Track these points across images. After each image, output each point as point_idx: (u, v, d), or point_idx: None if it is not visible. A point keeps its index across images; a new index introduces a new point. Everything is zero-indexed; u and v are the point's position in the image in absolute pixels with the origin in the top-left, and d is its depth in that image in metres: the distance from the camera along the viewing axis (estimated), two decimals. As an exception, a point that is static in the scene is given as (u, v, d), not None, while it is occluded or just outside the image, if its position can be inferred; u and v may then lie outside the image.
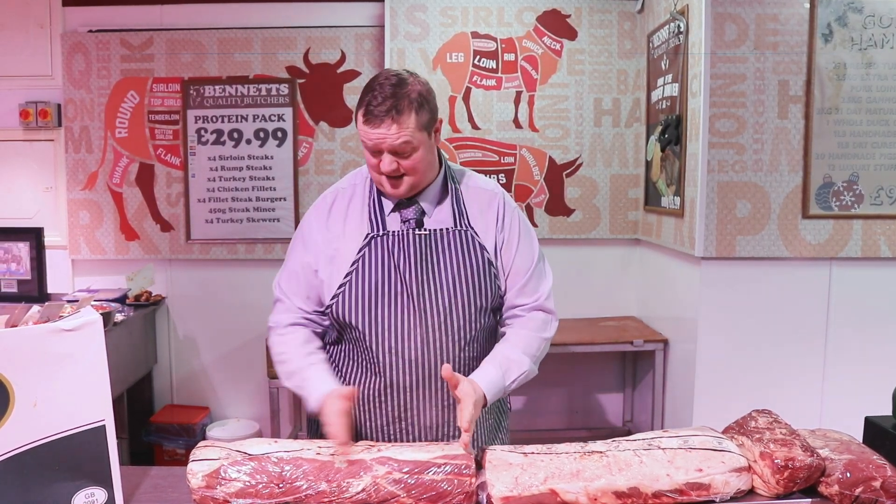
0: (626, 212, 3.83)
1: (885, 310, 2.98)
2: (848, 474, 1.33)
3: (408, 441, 1.71)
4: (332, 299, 1.69)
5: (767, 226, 2.94)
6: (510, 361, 1.66)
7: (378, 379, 1.68)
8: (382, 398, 1.69)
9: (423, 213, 1.71)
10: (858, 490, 1.32)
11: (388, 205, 1.72)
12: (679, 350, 3.30)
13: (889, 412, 1.68)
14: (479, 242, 1.70)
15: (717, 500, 1.34)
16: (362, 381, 1.71)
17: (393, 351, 1.65)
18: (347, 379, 1.74)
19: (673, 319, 3.39)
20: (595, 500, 1.32)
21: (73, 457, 1.24)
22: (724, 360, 3.02)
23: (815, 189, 2.92)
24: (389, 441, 1.71)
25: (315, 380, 1.63)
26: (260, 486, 1.33)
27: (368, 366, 1.69)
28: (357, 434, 1.73)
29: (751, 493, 1.38)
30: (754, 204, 2.93)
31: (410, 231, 1.68)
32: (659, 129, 3.39)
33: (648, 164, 3.65)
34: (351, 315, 1.67)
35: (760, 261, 2.97)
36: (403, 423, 1.70)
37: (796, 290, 2.99)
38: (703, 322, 3.01)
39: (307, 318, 1.76)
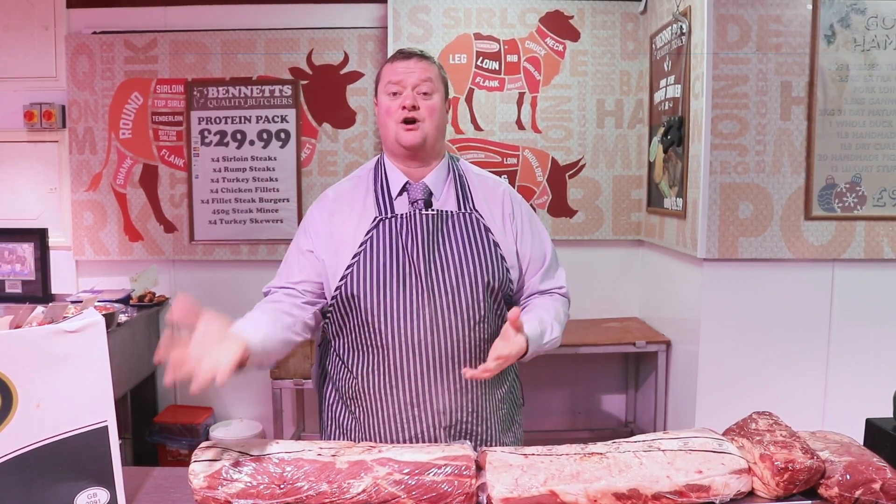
0: (629, 213, 3.83)
1: (888, 311, 2.98)
2: (848, 476, 1.33)
3: (421, 428, 1.69)
4: (340, 281, 1.68)
5: (770, 227, 2.94)
6: (545, 323, 1.69)
7: (386, 364, 1.67)
8: (392, 384, 1.67)
9: (430, 193, 1.74)
10: (858, 492, 1.32)
11: (395, 189, 1.75)
12: (681, 351, 3.30)
13: (890, 414, 1.68)
14: (484, 224, 1.73)
15: (717, 501, 1.34)
16: (370, 370, 1.70)
17: (401, 333, 1.64)
18: (354, 370, 1.72)
19: (675, 321, 3.39)
20: (595, 501, 1.32)
21: (76, 457, 1.25)
22: (726, 362, 3.02)
23: (818, 190, 2.92)
24: (403, 429, 1.69)
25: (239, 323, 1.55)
26: (261, 486, 1.34)
27: (376, 351, 1.68)
28: (370, 424, 1.72)
29: (751, 494, 1.38)
30: (757, 205, 2.93)
31: (418, 212, 1.70)
32: (661, 130, 3.39)
33: (651, 166, 3.65)
34: (359, 295, 1.66)
35: (763, 262, 2.97)
36: (416, 409, 1.68)
37: (799, 291, 2.99)
38: (706, 323, 3.01)
39: (297, 290, 1.72)
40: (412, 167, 1.76)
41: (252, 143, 3.81)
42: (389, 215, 1.71)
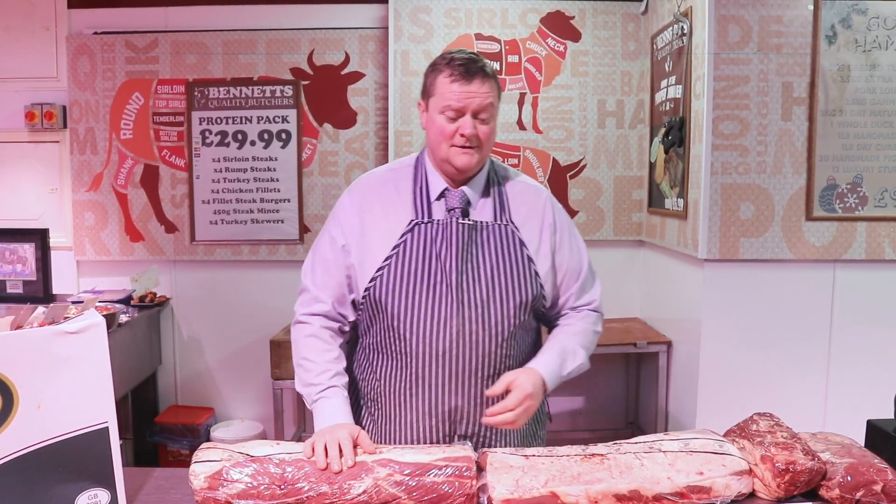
0: (630, 213, 3.83)
1: (889, 312, 2.98)
2: (849, 478, 1.33)
3: (438, 437, 1.66)
4: (370, 282, 1.65)
5: (771, 228, 2.93)
6: (567, 352, 1.67)
7: (409, 371, 1.64)
8: (413, 391, 1.64)
9: (468, 202, 1.68)
10: (859, 494, 1.32)
11: (434, 193, 1.69)
12: (682, 352, 3.30)
13: (891, 415, 1.68)
14: (520, 238, 1.68)
15: (718, 503, 1.34)
16: (392, 374, 1.67)
17: (426, 341, 1.61)
18: (378, 371, 1.70)
19: (676, 321, 3.39)
20: (596, 502, 1.32)
21: (77, 458, 1.25)
22: (727, 363, 3.01)
23: (819, 191, 2.92)
24: (419, 438, 1.67)
25: (328, 408, 1.59)
26: (262, 487, 1.34)
27: (400, 357, 1.65)
28: (388, 429, 1.70)
29: (752, 496, 1.38)
30: (758, 206, 2.93)
31: (455, 220, 1.65)
32: (662, 130, 3.39)
33: (652, 166, 3.65)
34: (387, 300, 1.62)
35: (764, 263, 2.97)
36: (434, 419, 1.65)
37: (800, 292, 2.99)
38: (707, 324, 3.01)
39: (332, 315, 1.71)
40: (454, 177, 1.70)
41: (253, 143, 3.81)
42: (426, 220, 1.66)
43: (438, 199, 1.69)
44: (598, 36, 3.73)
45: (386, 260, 1.64)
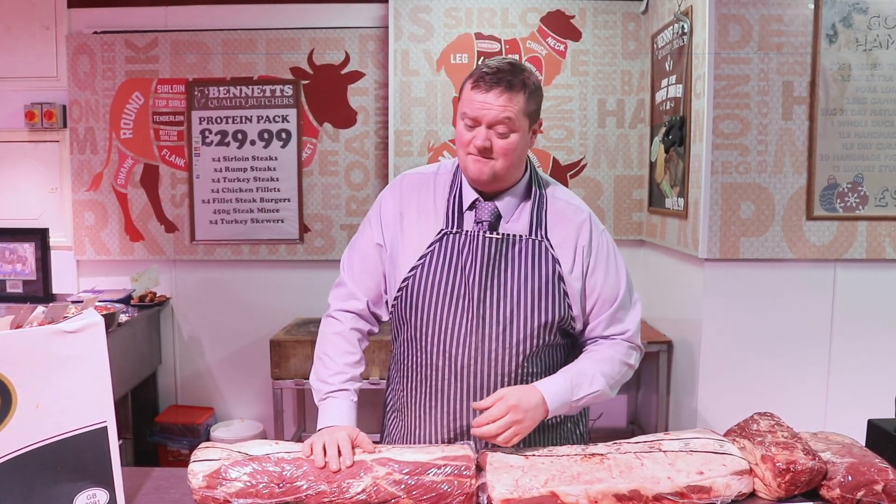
0: (631, 213, 3.83)
1: (890, 312, 2.97)
2: (849, 478, 1.33)
3: None
4: (398, 291, 1.63)
5: (771, 227, 2.93)
6: (582, 377, 1.58)
7: (429, 384, 1.62)
8: (433, 404, 1.63)
9: (499, 216, 1.63)
10: (860, 494, 1.32)
11: (466, 203, 1.65)
12: (683, 351, 3.29)
13: (892, 415, 1.68)
14: (553, 255, 1.61)
15: (718, 502, 1.34)
16: (415, 386, 1.65)
17: (446, 356, 1.59)
18: (402, 381, 1.69)
19: (677, 321, 3.39)
20: (596, 502, 1.32)
21: (75, 458, 1.25)
22: (727, 362, 3.01)
23: (820, 190, 2.91)
24: None
25: (333, 409, 1.58)
26: (260, 486, 1.33)
27: (422, 369, 1.63)
28: (413, 438, 1.68)
29: (752, 496, 1.37)
30: (758, 205, 2.92)
31: (482, 233, 1.61)
32: (663, 130, 3.39)
33: (652, 166, 3.65)
34: (411, 311, 1.61)
35: (764, 262, 2.96)
36: (453, 432, 1.63)
37: (800, 291, 2.98)
38: (707, 324, 3.01)
39: (366, 314, 1.71)
40: (483, 188, 1.66)
41: (253, 142, 3.81)
42: (455, 230, 1.62)
43: (470, 209, 1.65)
44: (599, 35, 3.72)
45: (412, 270, 1.62)
